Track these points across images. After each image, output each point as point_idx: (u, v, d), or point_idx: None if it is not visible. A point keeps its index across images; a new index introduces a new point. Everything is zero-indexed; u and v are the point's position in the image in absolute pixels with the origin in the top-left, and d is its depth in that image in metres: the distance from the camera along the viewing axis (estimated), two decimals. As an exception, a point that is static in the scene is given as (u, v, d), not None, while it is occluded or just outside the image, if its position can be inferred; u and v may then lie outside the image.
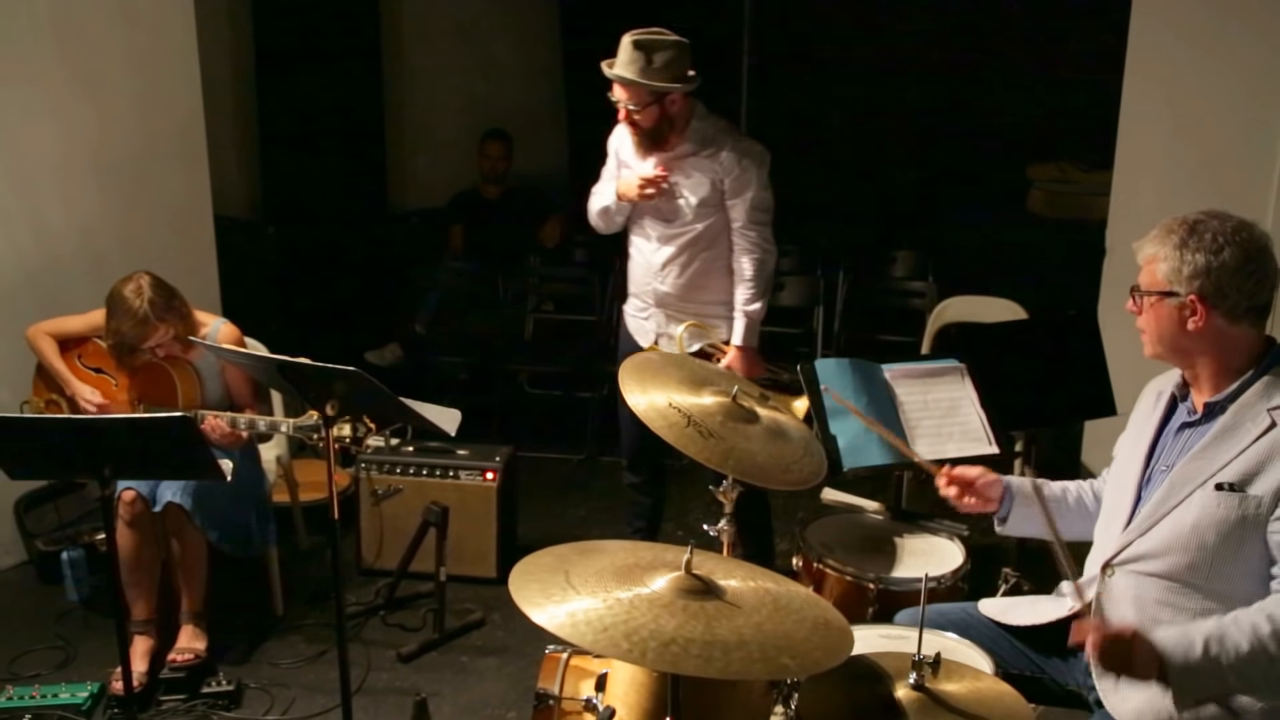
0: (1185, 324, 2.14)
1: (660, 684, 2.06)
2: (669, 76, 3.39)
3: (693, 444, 2.41)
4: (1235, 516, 2.09)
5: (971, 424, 3.09)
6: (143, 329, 3.43)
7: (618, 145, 3.72)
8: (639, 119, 3.45)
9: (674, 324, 3.66)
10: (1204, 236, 2.11)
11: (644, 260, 3.69)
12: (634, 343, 3.76)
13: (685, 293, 3.63)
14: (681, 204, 3.55)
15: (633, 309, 3.80)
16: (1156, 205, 4.14)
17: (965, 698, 1.93)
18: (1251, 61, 3.94)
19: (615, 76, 3.42)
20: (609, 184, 3.71)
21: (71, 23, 4.21)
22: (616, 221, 3.73)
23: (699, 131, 3.53)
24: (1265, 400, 2.12)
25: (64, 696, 3.34)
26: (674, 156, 3.53)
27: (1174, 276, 2.13)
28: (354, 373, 2.78)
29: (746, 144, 3.55)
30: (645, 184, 3.48)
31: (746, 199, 3.53)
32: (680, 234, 3.58)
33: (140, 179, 4.48)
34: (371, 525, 4.17)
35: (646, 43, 3.38)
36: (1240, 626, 2.01)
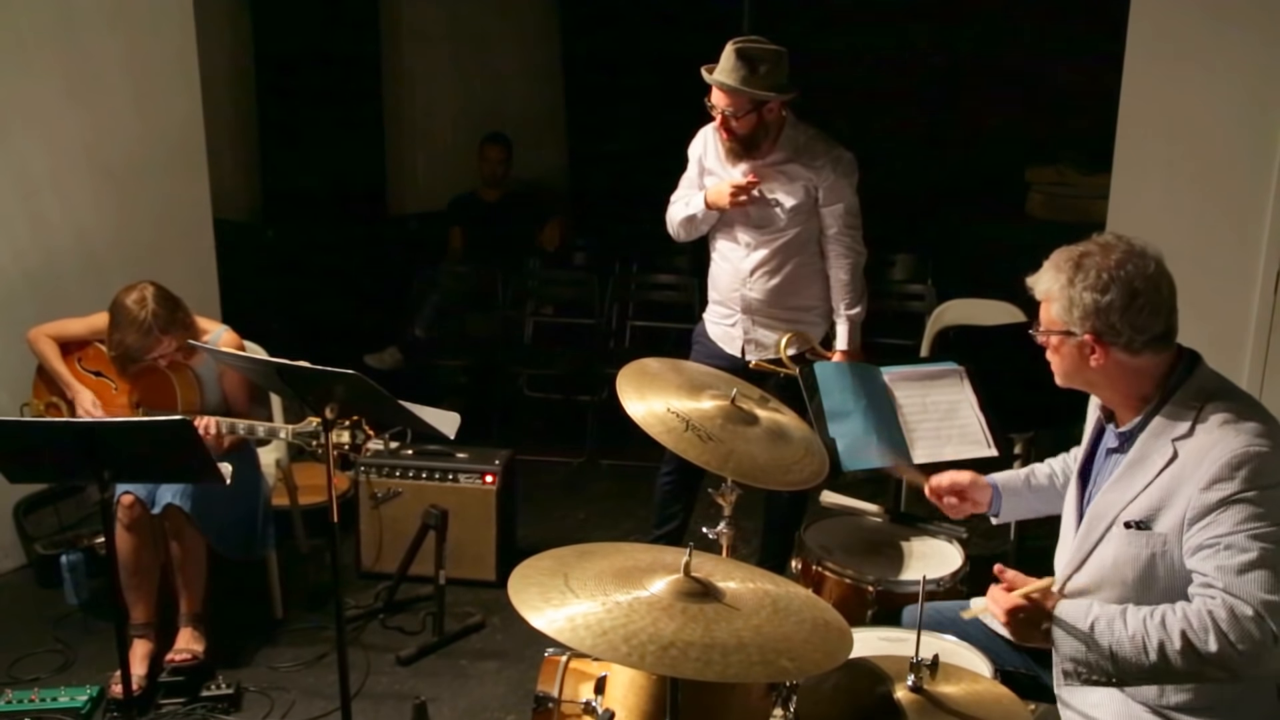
0: (1088, 360, 2.11)
1: (659, 687, 2.06)
2: (770, 85, 3.43)
3: (692, 448, 2.42)
4: (1146, 555, 2.08)
5: (970, 426, 3.09)
6: (146, 341, 3.43)
7: (700, 152, 3.73)
8: (736, 126, 3.47)
9: (760, 330, 3.68)
10: (1089, 274, 2.07)
11: (731, 267, 3.69)
12: (716, 349, 3.75)
13: (774, 298, 3.65)
14: (775, 210, 3.57)
15: (716, 316, 3.79)
16: (1155, 208, 4.14)
17: (963, 699, 1.93)
18: (1250, 65, 3.95)
19: (717, 82, 3.44)
20: (692, 191, 3.71)
21: (71, 26, 4.22)
22: (701, 229, 3.73)
23: (791, 139, 3.56)
24: (1170, 430, 2.08)
25: (63, 700, 3.33)
26: (766, 164, 3.55)
27: (1066, 316, 2.10)
28: (353, 376, 2.78)
29: (839, 151, 3.58)
30: (737, 191, 3.49)
31: (841, 206, 3.58)
32: (772, 240, 3.60)
33: (140, 182, 4.49)
34: (371, 528, 4.17)
35: (750, 51, 3.41)
36: (1137, 614, 2.01)
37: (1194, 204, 4.07)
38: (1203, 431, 2.05)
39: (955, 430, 3.10)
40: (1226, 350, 4.05)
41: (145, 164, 4.51)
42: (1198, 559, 2.01)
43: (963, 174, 6.91)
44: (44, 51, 4.15)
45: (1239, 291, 4.06)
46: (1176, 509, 2.04)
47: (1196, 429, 2.06)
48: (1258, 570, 1.95)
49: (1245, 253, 4.05)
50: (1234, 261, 4.04)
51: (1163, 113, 4.14)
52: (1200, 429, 2.05)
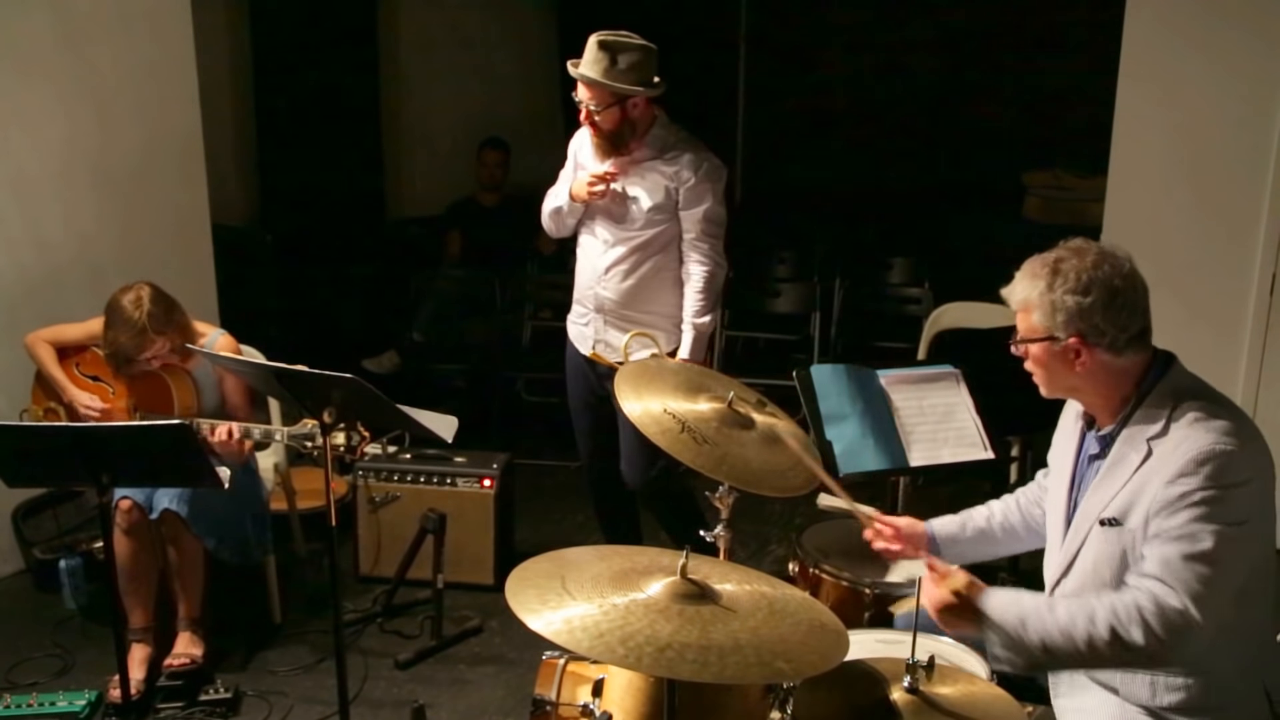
0: (1073, 365, 2.12)
1: (657, 689, 2.06)
2: (633, 79, 3.38)
3: (687, 450, 2.42)
4: (1118, 551, 2.10)
5: (967, 429, 3.10)
6: (140, 340, 3.43)
7: (577, 148, 3.70)
8: (600, 120, 3.43)
9: (612, 331, 3.63)
10: (1068, 277, 2.09)
11: (589, 263, 3.65)
12: (572, 349, 3.75)
13: (627, 299, 3.59)
14: (633, 208, 3.52)
15: (574, 315, 3.77)
16: (1151, 211, 4.16)
17: (959, 700, 1.93)
18: (1246, 67, 3.96)
19: (579, 75, 3.42)
20: (564, 185, 3.68)
21: (70, 32, 4.23)
22: (568, 224, 3.69)
23: (659, 139, 3.52)
24: (1145, 430, 2.10)
25: (62, 705, 3.34)
26: (631, 160, 3.51)
27: (1049, 322, 2.11)
28: (351, 380, 2.79)
29: (705, 155, 3.52)
30: (595, 181, 3.46)
31: (700, 210, 3.51)
32: (629, 238, 3.55)
33: (138, 187, 4.49)
34: (369, 533, 4.17)
35: (612, 44, 3.38)
36: (1064, 610, 2.04)
37: (1190, 206, 4.08)
38: (1175, 429, 2.07)
39: (952, 433, 3.11)
40: (1223, 351, 4.07)
41: (144, 169, 4.51)
42: (1148, 547, 2.04)
43: (959, 177, 6.92)
44: (43, 58, 4.16)
45: (1235, 293, 4.07)
46: (1144, 504, 2.06)
47: (1170, 427, 2.08)
48: (1200, 563, 1.98)
49: (1241, 254, 4.06)
50: (1230, 263, 4.05)
51: (1158, 115, 4.16)
52: (1174, 427, 2.08)
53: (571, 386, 3.85)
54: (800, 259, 6.20)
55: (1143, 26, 4.14)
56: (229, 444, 3.41)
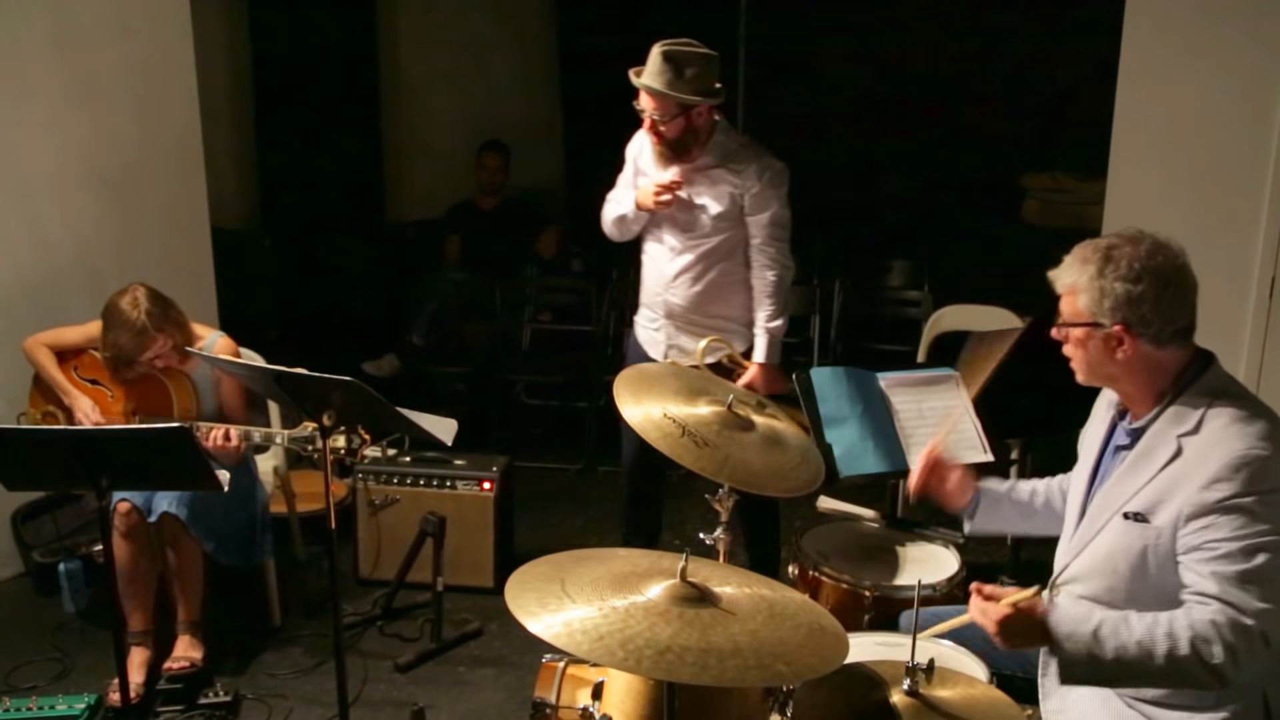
0: (1114, 353, 2.11)
1: (656, 692, 2.06)
2: (697, 89, 3.40)
3: (688, 453, 2.42)
4: (1139, 546, 2.08)
5: (967, 432, 3.10)
6: (141, 340, 3.43)
7: (636, 153, 3.71)
8: (664, 130, 3.45)
9: (683, 336, 3.65)
10: (1120, 265, 2.07)
11: (656, 270, 3.68)
12: (644, 354, 3.75)
13: (696, 305, 3.62)
14: (700, 215, 3.54)
15: (643, 319, 3.79)
16: (1151, 213, 4.14)
17: (959, 703, 1.93)
18: (1245, 69, 3.96)
19: (643, 86, 3.42)
20: (626, 191, 3.69)
21: (69, 34, 4.23)
22: (632, 230, 3.71)
23: (721, 145, 3.54)
24: (1176, 426, 2.09)
25: (61, 708, 3.33)
26: (695, 168, 3.53)
27: (1095, 308, 2.10)
28: (351, 383, 2.79)
29: (769, 160, 3.55)
30: (660, 190, 3.47)
31: (767, 216, 3.55)
32: (696, 245, 3.58)
33: (137, 190, 4.49)
34: (369, 535, 4.17)
35: (676, 54, 3.39)
36: (1142, 621, 2.01)
37: (1189, 208, 4.08)
38: (1208, 429, 2.06)
39: (951, 435, 3.11)
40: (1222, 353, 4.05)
41: (143, 172, 4.51)
42: (1193, 559, 2.01)
43: (958, 179, 6.92)
44: (41, 60, 4.16)
45: (1235, 295, 4.07)
46: (1174, 504, 2.04)
47: (1203, 426, 2.07)
48: (1255, 581, 1.96)
49: (1241, 256, 4.06)
50: (1230, 265, 4.05)
51: (1157, 117, 4.16)
52: (1206, 427, 2.06)
53: None
54: (799, 262, 6.11)
55: (1141, 28, 4.14)
56: (224, 446, 3.41)
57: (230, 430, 3.42)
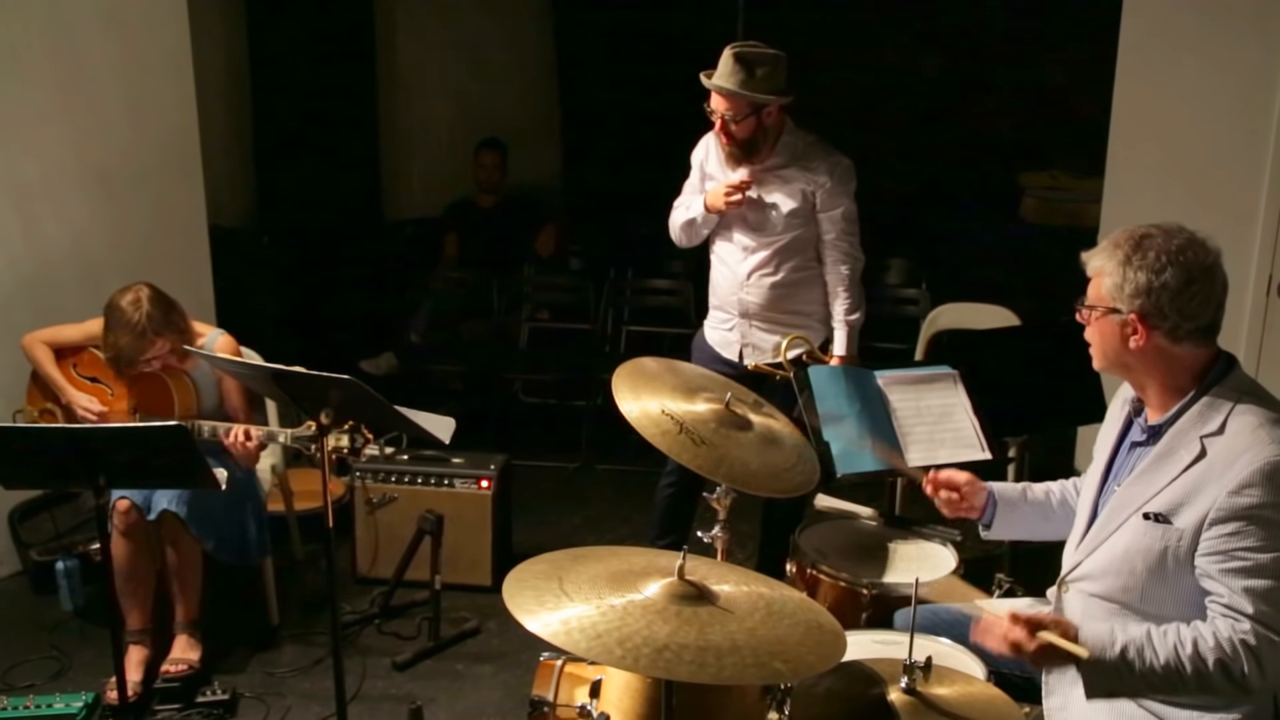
0: (1127, 341, 2.10)
1: (654, 690, 2.06)
2: (768, 89, 3.44)
3: (685, 451, 2.42)
4: (1159, 547, 2.07)
5: (964, 430, 3.10)
6: (140, 342, 3.43)
7: (702, 158, 3.75)
8: (736, 130, 3.48)
9: (758, 333, 3.68)
10: (1148, 254, 2.07)
11: (729, 271, 3.70)
12: (713, 354, 3.76)
13: (771, 302, 3.65)
14: (772, 214, 3.58)
15: (715, 321, 3.81)
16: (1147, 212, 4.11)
17: (956, 701, 1.94)
18: (1241, 68, 3.97)
19: (716, 87, 3.45)
20: (693, 197, 3.73)
21: (65, 32, 4.22)
22: (701, 234, 3.74)
23: (790, 145, 3.58)
24: (1200, 426, 2.08)
25: (59, 707, 3.32)
26: (764, 168, 3.56)
27: (1116, 293, 2.10)
28: (349, 381, 2.79)
29: (837, 158, 3.60)
30: (731, 190, 3.50)
31: (839, 211, 3.59)
32: (769, 244, 3.61)
33: (135, 188, 4.49)
34: (367, 534, 4.17)
35: (748, 56, 3.43)
36: (1165, 640, 2.00)
37: (1186, 206, 4.07)
38: (1233, 432, 2.04)
39: (949, 434, 3.11)
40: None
41: (140, 170, 4.51)
42: (1220, 568, 2.00)
43: (956, 178, 6.92)
44: (38, 58, 4.15)
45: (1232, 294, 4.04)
46: (1199, 507, 2.03)
47: (1227, 428, 2.05)
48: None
49: (1238, 255, 4.06)
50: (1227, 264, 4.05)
51: (1154, 116, 4.17)
52: (1231, 429, 2.05)
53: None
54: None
55: (1138, 27, 4.15)
56: (245, 446, 3.40)
57: (250, 430, 3.42)
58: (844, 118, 7.23)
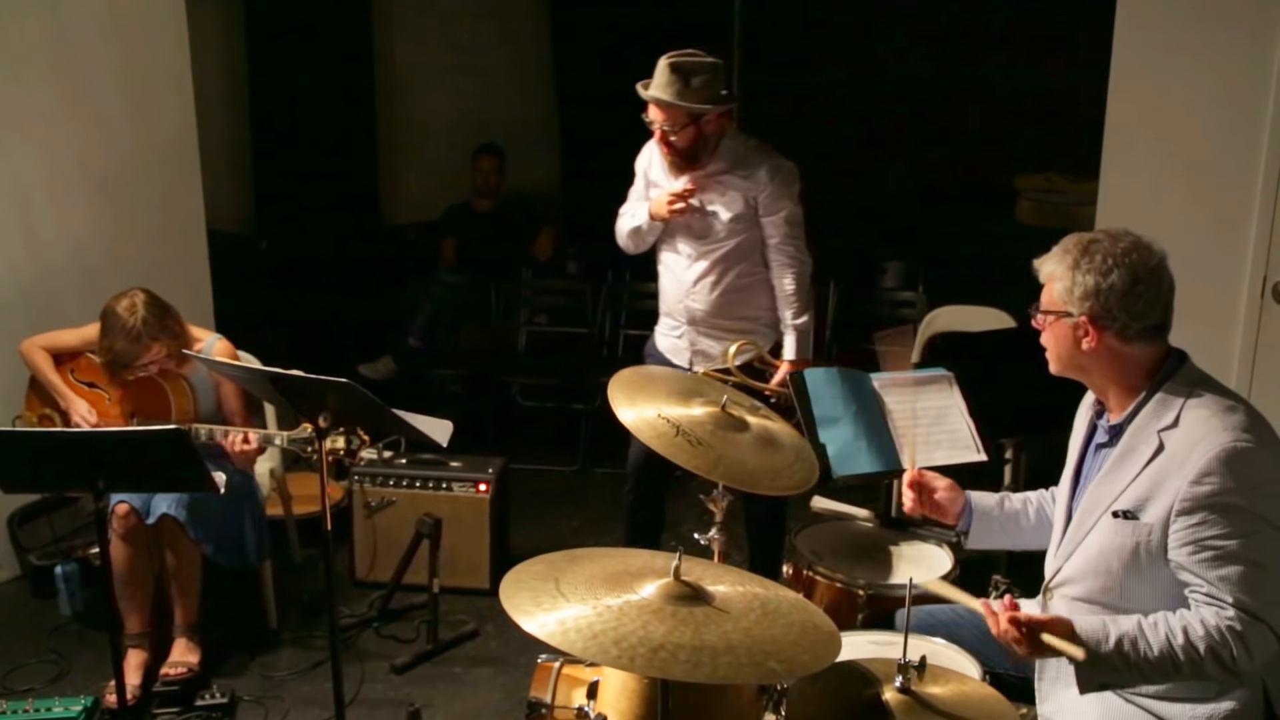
0: (1080, 344, 2.16)
1: (651, 690, 2.07)
2: (705, 97, 3.42)
3: (682, 453, 2.43)
4: (1131, 544, 2.12)
5: (960, 432, 3.11)
6: (135, 347, 3.44)
7: (646, 165, 3.74)
8: (675, 140, 3.47)
9: (706, 340, 3.67)
10: (1095, 257, 2.12)
11: (675, 278, 3.70)
12: (664, 360, 3.76)
13: (718, 309, 3.64)
14: (714, 221, 3.57)
15: (664, 328, 3.80)
16: (1143, 214, 4.15)
17: (951, 700, 1.94)
18: (1236, 70, 3.98)
19: (652, 98, 3.44)
20: (638, 204, 3.72)
21: (64, 37, 4.24)
22: (647, 241, 3.73)
23: (731, 150, 3.56)
24: (1156, 421, 2.13)
25: (58, 710, 3.33)
26: (706, 175, 3.55)
27: (1067, 297, 2.15)
28: (347, 385, 2.79)
29: (778, 161, 3.58)
30: (674, 199, 3.50)
31: (781, 215, 3.58)
32: (712, 250, 3.60)
33: (133, 192, 4.50)
34: (365, 537, 4.18)
35: (684, 65, 3.41)
36: (1157, 631, 2.04)
37: (1181, 209, 4.09)
38: (1188, 423, 2.09)
39: (945, 435, 3.12)
40: (1215, 353, 4.07)
41: (139, 174, 4.52)
42: (1193, 560, 2.04)
43: (952, 180, 6.94)
44: (37, 62, 4.16)
45: (1227, 296, 4.09)
46: (1164, 500, 2.07)
47: (1181, 420, 2.10)
48: (1261, 580, 2.01)
49: (1233, 257, 4.07)
50: (1221, 266, 4.06)
51: (1149, 119, 4.17)
52: (1185, 421, 2.10)
53: None
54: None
55: (1132, 30, 4.16)
56: (245, 450, 3.41)
57: (249, 434, 3.42)
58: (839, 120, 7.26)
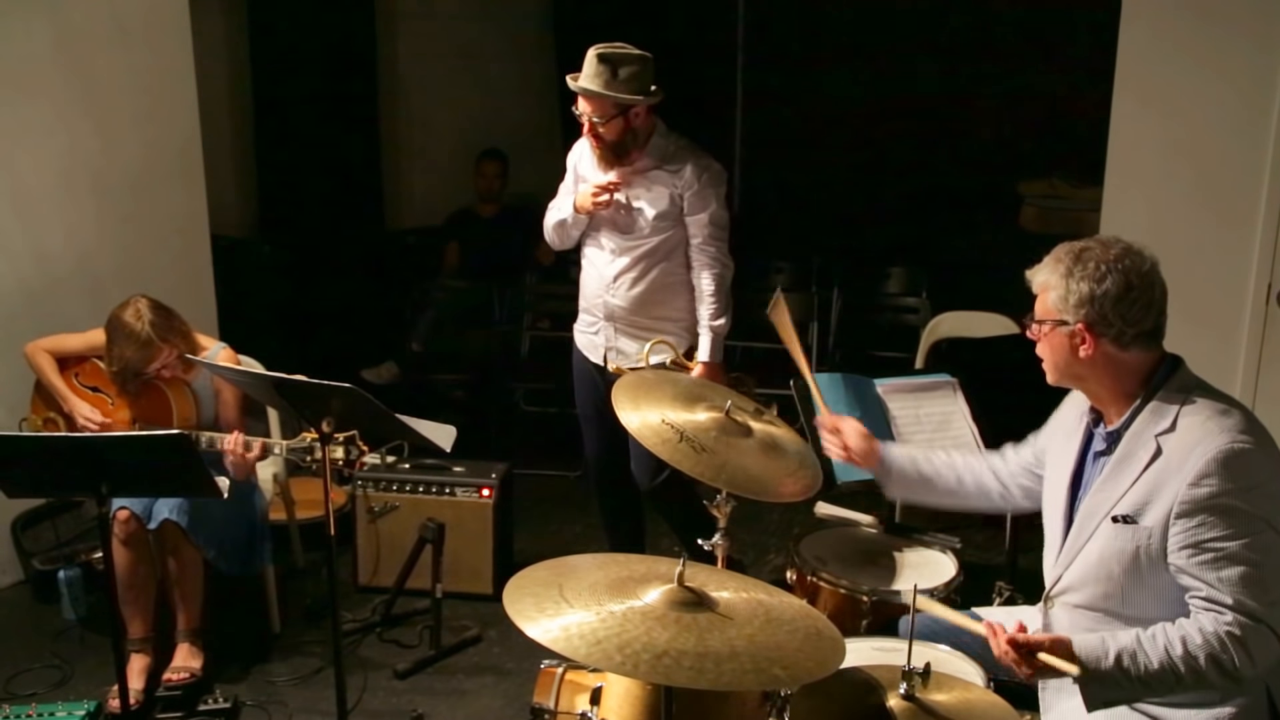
0: (1077, 351, 2.16)
1: (654, 697, 2.07)
2: (634, 89, 3.42)
3: (687, 459, 2.43)
4: (1131, 548, 2.12)
5: (964, 437, 3.11)
6: (147, 352, 3.45)
7: (576, 160, 3.74)
8: (603, 131, 3.47)
9: (623, 338, 3.67)
10: (1088, 265, 2.13)
11: (596, 273, 3.70)
12: (581, 357, 3.78)
13: (637, 306, 3.64)
14: (638, 217, 3.57)
15: (582, 324, 3.81)
16: (1147, 220, 4.16)
17: (955, 707, 1.94)
18: (1241, 74, 3.98)
19: (580, 89, 3.45)
20: (566, 198, 3.72)
21: (69, 44, 4.25)
22: (572, 235, 3.74)
23: (660, 147, 3.56)
24: (1152, 426, 2.13)
25: (60, 715, 3.33)
26: (633, 170, 3.55)
27: (1061, 305, 2.16)
28: (350, 389, 2.80)
29: (706, 161, 3.57)
30: (598, 192, 3.50)
31: (706, 215, 3.55)
32: (635, 246, 3.60)
33: (138, 198, 4.51)
34: (368, 543, 4.17)
35: (611, 55, 3.42)
36: (1155, 643, 2.04)
37: (1186, 215, 4.09)
38: (1185, 427, 2.10)
39: (949, 441, 3.12)
40: (1219, 362, 4.07)
41: (143, 180, 4.53)
42: (1193, 562, 2.04)
43: (956, 186, 6.94)
44: (42, 69, 4.17)
45: (1231, 302, 4.08)
46: (1163, 503, 2.08)
47: (1178, 424, 2.11)
48: (1261, 581, 2.00)
49: (1237, 263, 4.07)
50: (1226, 272, 4.06)
51: (1153, 125, 4.17)
52: (1182, 424, 2.10)
53: (579, 393, 3.90)
54: (798, 268, 6.21)
55: (1137, 35, 4.16)
56: (245, 456, 3.40)
57: (251, 441, 3.42)
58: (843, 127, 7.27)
